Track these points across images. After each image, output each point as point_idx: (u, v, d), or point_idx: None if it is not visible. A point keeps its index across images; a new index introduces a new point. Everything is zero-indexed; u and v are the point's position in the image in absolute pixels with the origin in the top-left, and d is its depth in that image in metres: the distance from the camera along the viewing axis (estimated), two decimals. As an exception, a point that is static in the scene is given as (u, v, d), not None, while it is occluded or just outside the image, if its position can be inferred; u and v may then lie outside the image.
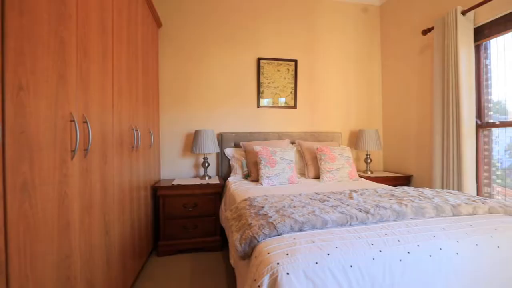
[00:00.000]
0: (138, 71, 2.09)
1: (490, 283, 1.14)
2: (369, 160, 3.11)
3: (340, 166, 2.53)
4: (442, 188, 2.45)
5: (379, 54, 3.53)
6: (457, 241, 1.15)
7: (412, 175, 2.98)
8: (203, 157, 2.81)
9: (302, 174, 2.81)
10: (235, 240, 1.16)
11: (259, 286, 0.94)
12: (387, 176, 2.93)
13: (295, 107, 3.22)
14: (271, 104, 3.18)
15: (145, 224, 2.26)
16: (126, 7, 1.77)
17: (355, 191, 1.78)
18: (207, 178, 2.73)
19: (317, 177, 2.66)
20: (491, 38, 2.27)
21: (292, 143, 3.07)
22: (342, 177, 2.53)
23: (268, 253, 1.02)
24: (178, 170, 2.97)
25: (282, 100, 3.20)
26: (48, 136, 0.91)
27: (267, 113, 3.17)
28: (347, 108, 3.40)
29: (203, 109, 3.02)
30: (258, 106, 3.14)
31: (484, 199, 1.53)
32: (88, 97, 1.22)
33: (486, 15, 2.23)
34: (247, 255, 1.14)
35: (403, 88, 3.16)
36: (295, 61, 3.20)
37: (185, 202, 2.49)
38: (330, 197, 1.59)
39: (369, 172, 3.06)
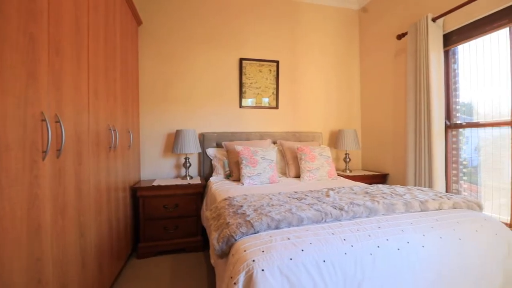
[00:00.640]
0: (117, 69, 2.04)
1: (452, 273, 1.22)
2: (348, 160, 3.21)
3: (320, 165, 2.60)
4: (415, 185, 2.58)
5: (358, 56, 3.65)
6: (423, 235, 1.23)
7: (388, 174, 3.11)
8: (184, 157, 2.79)
9: (284, 173, 2.86)
10: (213, 239, 1.18)
11: (235, 283, 0.96)
12: (365, 175, 3.04)
13: (277, 107, 3.27)
14: (253, 104, 3.20)
15: (124, 225, 2.21)
16: (103, 3, 1.73)
17: (332, 189, 1.85)
18: (188, 178, 2.71)
19: (298, 176, 2.72)
20: (459, 44, 2.42)
21: (274, 143, 3.11)
22: (322, 176, 2.60)
23: (245, 251, 1.04)
24: (159, 170, 2.93)
25: (264, 101, 3.24)
26: (16, 135, 0.88)
27: (249, 113, 3.19)
28: (327, 108, 3.49)
29: (185, 109, 3.00)
30: (240, 106, 3.15)
31: (450, 195, 1.64)
32: (61, 96, 1.19)
33: (454, 22, 2.37)
34: (225, 254, 1.16)
35: (380, 90, 3.29)
36: (277, 62, 3.25)
37: (166, 202, 2.47)
38: (307, 196, 1.64)
39: (348, 171, 3.16)
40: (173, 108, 2.97)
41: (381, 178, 3.09)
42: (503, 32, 2.08)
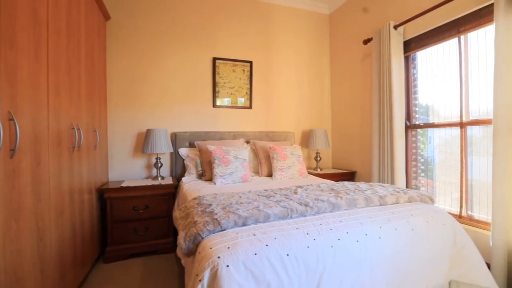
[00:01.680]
0: (81, 65, 1.95)
1: (406, 260, 1.33)
2: (319, 158, 3.33)
3: (291, 164, 2.68)
4: (380, 181, 2.75)
5: (328, 59, 3.80)
6: (380, 227, 1.32)
7: (356, 171, 3.28)
8: (155, 157, 2.73)
9: (256, 172, 2.91)
10: (180, 238, 1.18)
11: (200, 280, 0.97)
12: (334, 173, 3.17)
13: (250, 107, 3.30)
14: (226, 104, 3.21)
15: (89, 229, 2.12)
16: (64, -4, 1.65)
17: (300, 186, 1.92)
18: (159, 178, 2.66)
19: (270, 175, 2.78)
20: (417, 51, 2.61)
21: (247, 142, 3.15)
22: (293, 175, 2.68)
23: (211, 248, 1.06)
24: (129, 171, 2.84)
25: (238, 100, 3.26)
26: (-39, 134, 0.82)
27: (222, 113, 3.20)
28: (299, 109, 3.59)
29: (156, 108, 2.94)
30: (214, 105, 3.15)
31: (406, 190, 1.77)
32: (16, 93, 1.13)
33: (413, 31, 2.56)
34: (192, 252, 1.17)
35: (348, 92, 3.45)
36: (250, 62, 3.29)
37: (135, 204, 2.40)
38: (276, 193, 1.69)
39: (319, 169, 3.29)
40: (144, 107, 2.89)
41: (349, 176, 3.25)
42: (454, 41, 2.29)
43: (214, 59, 3.13)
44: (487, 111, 2.07)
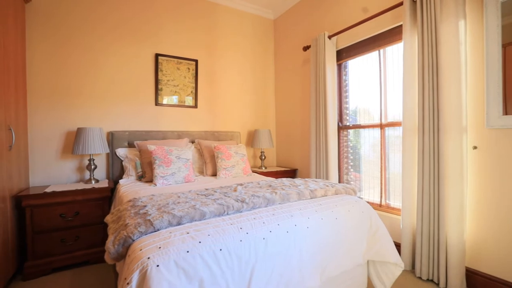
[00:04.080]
0: (-12, 54, 1.69)
1: (330, 246, 1.50)
2: (263, 157, 3.47)
3: (235, 163, 2.74)
4: (316, 177, 3.00)
5: (273, 62, 3.97)
6: (308, 218, 1.46)
7: (297, 169, 3.51)
8: (88, 158, 2.50)
9: (201, 172, 2.89)
10: (108, 242, 1.12)
11: (128, 283, 0.95)
12: (277, 171, 3.34)
13: (195, 106, 3.26)
14: (170, 103, 3.11)
15: (1, 243, 1.84)
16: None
17: (241, 184, 1.98)
18: (93, 182, 2.45)
19: (215, 174, 2.79)
20: (348, 60, 2.92)
21: (193, 142, 3.10)
22: (237, 173, 2.74)
23: (141, 250, 1.03)
24: (57, 175, 2.54)
25: (182, 99, 3.19)
26: None
27: (166, 112, 3.09)
28: (245, 109, 3.68)
29: (89, 104, 2.69)
30: (157, 104, 3.02)
31: (334, 183, 1.98)
32: None
33: (344, 41, 2.86)
34: (122, 256, 1.12)
35: (290, 94, 3.67)
36: (196, 61, 3.25)
37: (63, 211, 2.17)
38: (216, 192, 1.72)
39: (264, 168, 3.42)
40: (75, 103, 2.62)
41: (291, 173, 3.46)
42: (375, 54, 2.63)
43: (157, 55, 3.01)
44: (400, 115, 2.44)
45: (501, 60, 1.70)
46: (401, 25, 2.28)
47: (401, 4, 2.17)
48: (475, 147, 1.85)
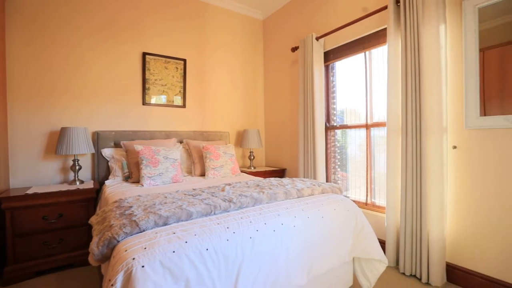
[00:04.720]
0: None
1: (316, 244, 1.52)
2: (252, 157, 3.48)
3: (224, 163, 2.74)
4: (304, 177, 3.04)
5: (262, 63, 3.99)
6: (295, 216, 1.48)
7: (286, 168, 3.54)
8: (72, 159, 2.44)
9: (190, 172, 2.87)
10: (92, 244, 1.11)
11: (112, 285, 0.94)
12: (266, 170, 3.36)
13: (184, 106, 3.24)
14: (158, 102, 3.08)
15: (-20, 246, 1.78)
16: None
17: (229, 184, 1.99)
18: (78, 183, 2.39)
19: (203, 174, 2.78)
20: (335, 61, 2.97)
21: (181, 142, 3.08)
22: (226, 173, 2.74)
23: (126, 250, 1.02)
24: (39, 176, 2.47)
25: (170, 99, 3.16)
26: None
27: (154, 111, 3.05)
28: (234, 109, 3.68)
29: (75, 104, 2.62)
30: (144, 103, 2.98)
31: (321, 183, 2.01)
32: None
33: (331, 43, 2.91)
34: (106, 258, 1.11)
35: (279, 94, 3.69)
36: (184, 60, 3.22)
37: (45, 213, 2.11)
38: (204, 192, 1.72)
39: (252, 168, 3.43)
40: (59, 103, 2.55)
41: (280, 173, 3.49)
42: (361, 56, 2.69)
43: (144, 54, 2.97)
44: (385, 116, 2.50)
45: (478, 64, 1.77)
46: (385, 28, 2.34)
47: (385, 8, 2.23)
48: (454, 147, 1.92)
